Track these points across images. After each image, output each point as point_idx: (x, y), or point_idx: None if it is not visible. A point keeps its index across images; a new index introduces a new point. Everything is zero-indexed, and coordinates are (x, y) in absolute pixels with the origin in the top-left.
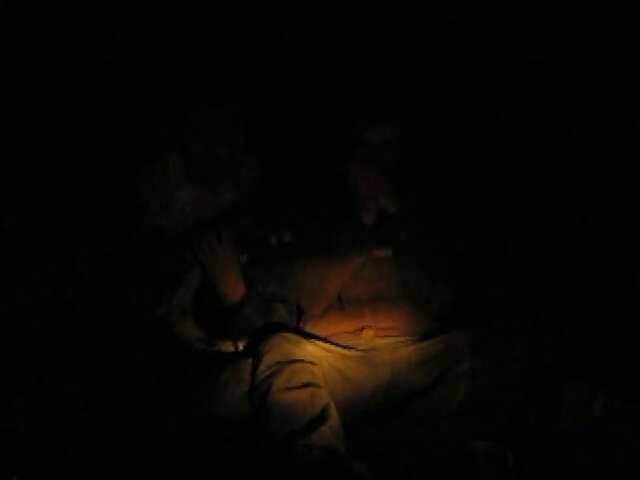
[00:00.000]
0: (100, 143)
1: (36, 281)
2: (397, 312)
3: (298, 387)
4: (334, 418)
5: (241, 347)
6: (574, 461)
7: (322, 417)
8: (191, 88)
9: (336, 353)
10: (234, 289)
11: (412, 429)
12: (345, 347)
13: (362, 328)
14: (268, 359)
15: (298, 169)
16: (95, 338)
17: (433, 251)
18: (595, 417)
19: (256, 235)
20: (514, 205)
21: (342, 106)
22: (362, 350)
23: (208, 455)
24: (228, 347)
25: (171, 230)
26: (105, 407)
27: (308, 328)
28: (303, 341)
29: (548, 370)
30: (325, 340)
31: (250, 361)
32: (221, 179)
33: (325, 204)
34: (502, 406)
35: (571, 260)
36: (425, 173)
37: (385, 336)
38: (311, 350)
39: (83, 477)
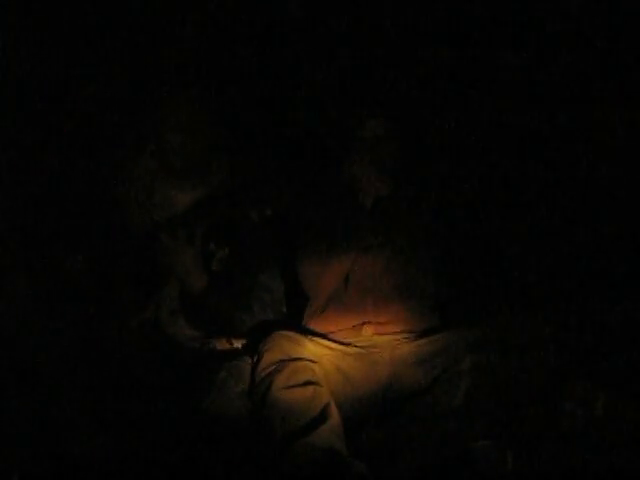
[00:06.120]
0: (75, 138)
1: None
2: (397, 304)
3: (299, 386)
4: (334, 417)
5: (236, 344)
6: (574, 461)
7: (322, 416)
8: (166, 80)
9: (337, 351)
10: (196, 280)
11: (412, 429)
12: (345, 344)
13: (363, 324)
14: (268, 358)
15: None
16: (93, 339)
17: (430, 239)
18: (595, 417)
19: (236, 213)
20: (514, 201)
21: (336, 102)
22: (362, 347)
23: (207, 454)
24: (223, 345)
25: (148, 224)
26: (103, 408)
27: (308, 325)
28: (303, 339)
29: (548, 370)
30: (325, 337)
31: (248, 359)
32: (194, 173)
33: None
34: (502, 406)
35: (571, 259)
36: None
37: (385, 333)
38: (311, 348)
39: (82, 477)
